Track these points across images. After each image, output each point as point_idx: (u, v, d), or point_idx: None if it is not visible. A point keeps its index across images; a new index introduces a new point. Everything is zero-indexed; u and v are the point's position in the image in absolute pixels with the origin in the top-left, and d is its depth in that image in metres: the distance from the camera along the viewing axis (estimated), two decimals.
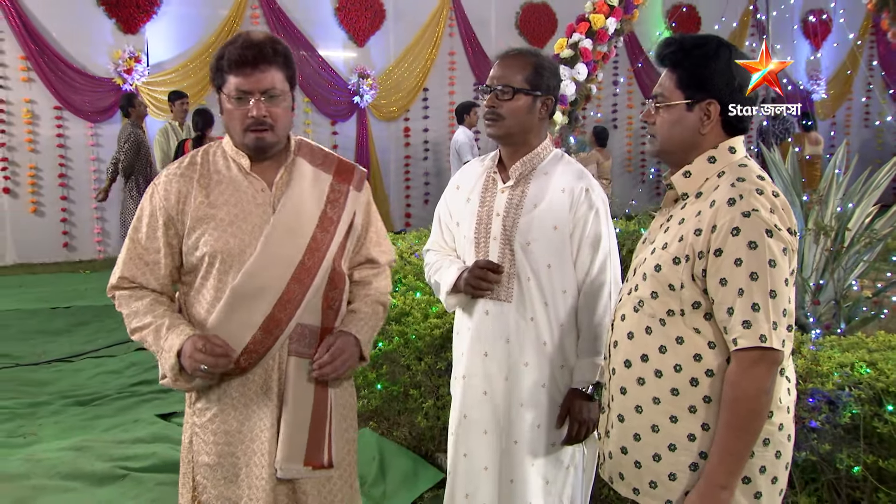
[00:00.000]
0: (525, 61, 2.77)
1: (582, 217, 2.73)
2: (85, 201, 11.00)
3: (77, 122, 10.85)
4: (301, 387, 2.42)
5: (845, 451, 3.05)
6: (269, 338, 2.36)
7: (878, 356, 3.35)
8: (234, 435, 2.42)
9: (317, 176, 2.50)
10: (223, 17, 11.56)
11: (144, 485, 4.33)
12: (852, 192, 5.06)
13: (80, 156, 10.93)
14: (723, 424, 2.05)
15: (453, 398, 2.94)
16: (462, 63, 13.62)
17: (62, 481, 4.35)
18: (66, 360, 6.80)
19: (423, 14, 13.09)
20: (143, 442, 4.88)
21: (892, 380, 3.11)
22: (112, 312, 8.04)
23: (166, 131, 9.51)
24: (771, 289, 2.01)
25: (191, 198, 2.41)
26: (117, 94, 10.77)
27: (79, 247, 11.04)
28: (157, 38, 11.23)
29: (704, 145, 2.22)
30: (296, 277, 2.37)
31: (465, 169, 3.02)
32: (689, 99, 2.19)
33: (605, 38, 5.70)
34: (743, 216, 2.03)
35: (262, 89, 2.32)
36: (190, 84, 11.01)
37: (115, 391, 5.99)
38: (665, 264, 2.15)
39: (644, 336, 2.20)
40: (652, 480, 2.19)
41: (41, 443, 4.96)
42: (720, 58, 2.19)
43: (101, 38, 10.81)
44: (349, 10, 12.46)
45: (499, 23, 13.97)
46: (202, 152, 2.51)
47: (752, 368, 2.02)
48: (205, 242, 2.37)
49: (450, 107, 13.18)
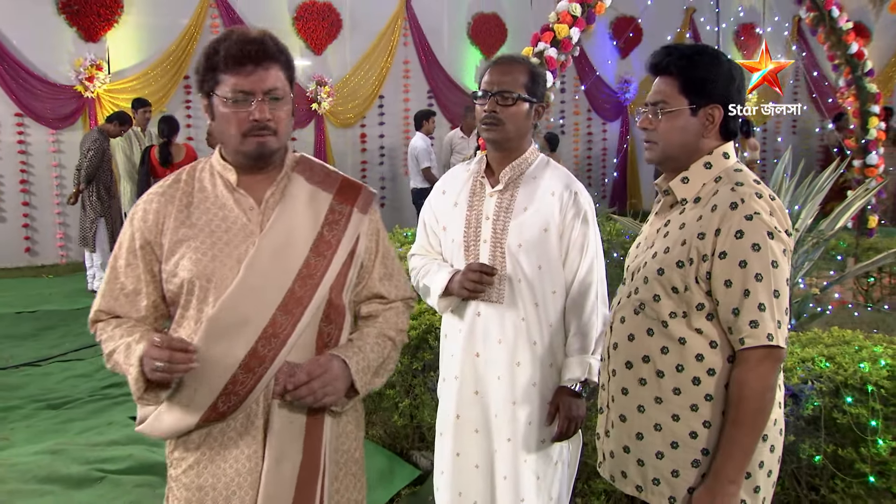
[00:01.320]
0: (523, 68, 2.75)
1: (571, 220, 2.73)
2: (47, 207, 10.78)
3: (39, 128, 10.62)
4: (287, 436, 2.02)
5: (807, 441, 3.12)
6: (252, 377, 1.97)
7: (836, 350, 3.41)
8: (209, 492, 2.02)
9: (314, 195, 2.13)
10: (183, 26, 11.40)
11: (123, 487, 4.22)
12: (798, 194, 5.16)
13: (41, 162, 10.69)
14: (731, 422, 2.05)
15: (442, 399, 2.89)
16: (416, 71, 13.60)
17: (39, 485, 4.23)
18: (35, 364, 6.63)
19: (378, 24, 13.04)
20: (119, 444, 4.77)
21: (849, 373, 3.17)
22: (78, 316, 8.02)
23: (129, 137, 9.37)
24: (774, 289, 2.03)
25: (170, 218, 2.06)
26: (78, 101, 10.66)
27: (41, 252, 10.79)
28: (118, 47, 11.03)
29: (702, 150, 2.22)
30: (283, 308, 2.00)
31: (449, 174, 2.99)
32: (693, 104, 2.19)
33: (569, 46, 5.73)
34: (746, 219, 2.04)
35: (265, 89, 1.99)
36: (151, 91, 10.82)
37: (86, 394, 5.86)
38: (668, 268, 2.14)
39: (645, 338, 2.20)
40: (655, 478, 2.19)
41: (15, 447, 4.83)
42: (721, 63, 2.20)
43: (62, 46, 10.59)
44: (307, 20, 12.37)
45: (451, 32, 13.98)
46: (189, 169, 2.17)
47: (758, 366, 2.03)
48: (182, 267, 2.01)
49: (405, 113, 13.19)
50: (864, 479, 3.11)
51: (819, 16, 6.57)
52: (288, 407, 2.03)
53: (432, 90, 13.71)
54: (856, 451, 3.09)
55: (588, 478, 3.57)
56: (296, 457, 2.02)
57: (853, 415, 3.08)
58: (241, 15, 11.72)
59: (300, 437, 2.03)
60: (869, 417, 3.06)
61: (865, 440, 3.07)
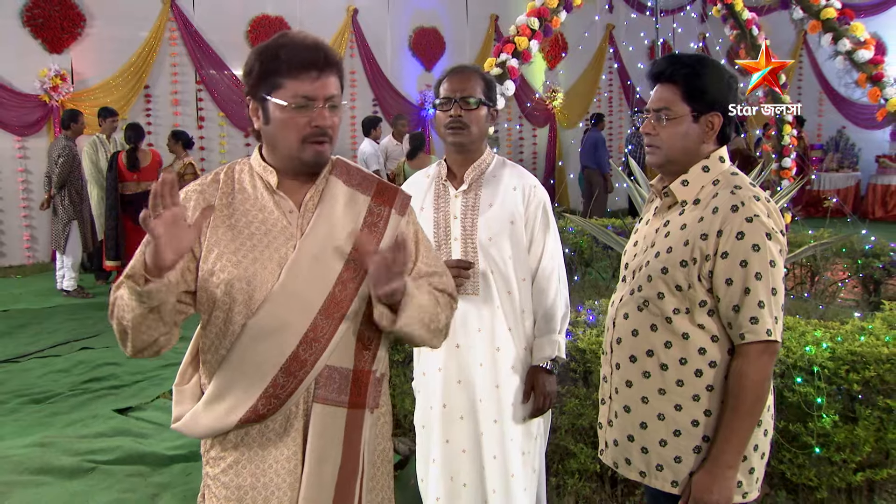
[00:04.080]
0: (479, 76, 2.77)
1: (533, 211, 2.77)
2: (14, 210, 10.50)
3: (5, 136, 10.33)
4: (327, 439, 1.91)
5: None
6: (292, 381, 1.85)
7: (785, 335, 3.52)
8: (248, 491, 1.90)
9: (353, 197, 2.00)
10: (143, 39, 11.19)
11: (114, 476, 4.20)
12: None
13: (8, 167, 10.40)
14: (730, 410, 2.07)
15: (424, 392, 2.88)
16: (362, 81, 13.57)
17: (33, 476, 4.19)
18: (13, 360, 6.48)
19: (326, 36, 12.90)
20: (106, 436, 4.74)
21: (797, 356, 3.32)
22: (50, 315, 7.89)
23: (95, 144, 9.21)
24: (772, 287, 2.04)
25: (210, 217, 1.91)
26: (44, 109, 10.41)
27: (8, 253, 10.51)
28: (81, 58, 10.78)
29: (701, 155, 2.22)
30: (324, 312, 1.87)
31: (410, 182, 2.96)
32: (695, 112, 2.18)
33: (529, 57, 5.82)
34: (746, 221, 2.04)
35: (326, 95, 1.87)
36: (113, 100, 10.59)
37: (66, 389, 5.75)
38: (672, 267, 2.14)
39: (649, 333, 2.20)
40: (658, 464, 2.19)
41: (4, 440, 4.75)
42: (721, 73, 2.20)
43: (27, 57, 10.29)
44: (259, 33, 12.20)
45: (394, 45, 13.99)
46: (227, 169, 2.02)
47: (757, 360, 2.04)
48: (221, 268, 1.87)
49: (351, 121, 13.12)
50: (810, 451, 3.27)
51: (741, 33, 6.82)
52: (329, 409, 1.92)
53: (377, 98, 13.72)
54: (803, 425, 3.25)
55: (562, 458, 3.64)
56: (336, 458, 1.92)
57: (801, 393, 3.23)
58: (197, 28, 11.58)
59: (340, 439, 1.93)
60: (815, 395, 3.22)
61: (812, 416, 3.23)
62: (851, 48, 6.52)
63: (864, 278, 6.36)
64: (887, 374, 3.27)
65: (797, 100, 11.65)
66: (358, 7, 13.28)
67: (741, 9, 6.89)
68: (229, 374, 1.87)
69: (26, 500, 3.94)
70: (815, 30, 6.74)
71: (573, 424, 3.58)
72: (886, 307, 4.18)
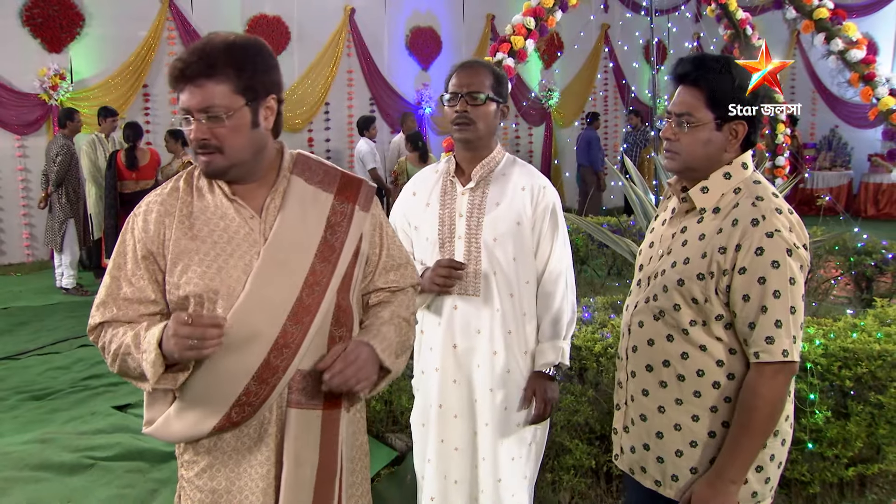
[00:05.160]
0: (488, 71, 2.67)
1: (542, 212, 2.67)
2: (13, 208, 10.45)
3: (5, 134, 10.28)
4: (304, 442, 1.88)
5: None
6: (265, 387, 1.82)
7: None
8: (223, 494, 1.88)
9: (315, 196, 1.93)
10: (142, 38, 11.14)
11: (113, 472, 4.19)
12: None
13: (8, 166, 10.36)
14: (739, 426, 1.99)
15: (422, 391, 2.84)
16: (359, 80, 13.52)
17: (33, 472, 4.18)
18: (14, 357, 6.46)
19: (324, 36, 12.95)
20: (105, 433, 4.72)
21: None
22: (50, 312, 7.86)
23: (93, 142, 9.18)
24: (791, 305, 1.94)
25: (171, 229, 1.87)
26: (43, 108, 10.34)
27: (8, 251, 10.47)
28: (80, 57, 10.73)
29: (723, 162, 2.10)
30: (293, 317, 1.83)
31: (418, 176, 2.88)
32: (719, 119, 2.06)
33: (524, 57, 5.82)
34: (766, 237, 1.94)
35: (199, 107, 1.77)
36: (112, 99, 10.55)
37: (66, 386, 5.74)
38: (689, 279, 2.04)
39: (665, 343, 2.11)
40: (674, 474, 2.12)
41: (4, 437, 4.74)
42: (744, 76, 2.08)
43: (27, 56, 10.25)
44: (256, 31, 12.14)
45: (391, 44, 13.96)
46: (186, 175, 1.96)
47: (772, 380, 1.95)
48: (187, 280, 1.83)
49: (349, 119, 13.12)
50: (803, 447, 3.26)
51: (735, 33, 6.84)
52: (304, 413, 1.89)
53: (374, 97, 13.68)
54: (797, 422, 3.23)
55: (557, 454, 3.63)
56: (314, 460, 1.89)
57: (795, 389, 3.23)
58: (195, 28, 11.53)
59: (317, 442, 1.90)
60: (808, 391, 3.21)
61: (805, 412, 3.22)
62: (844, 48, 6.53)
63: (857, 276, 6.37)
64: (879, 370, 3.28)
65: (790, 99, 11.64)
66: (355, 7, 13.24)
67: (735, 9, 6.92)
68: (201, 382, 1.84)
69: (26, 495, 3.93)
70: (808, 30, 6.75)
71: (569, 421, 3.57)
72: (878, 304, 4.19)
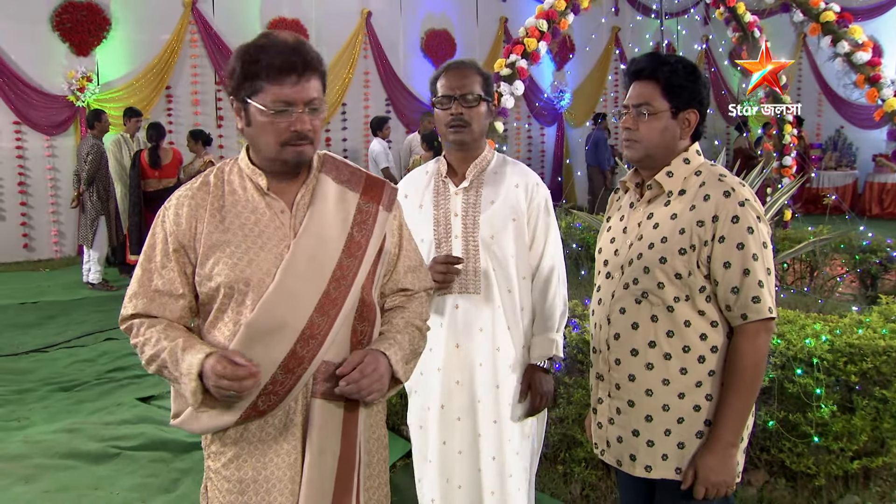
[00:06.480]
0: (476, 71, 2.62)
1: (536, 208, 2.66)
2: (43, 206, 10.62)
3: (35, 135, 10.46)
4: (327, 433, 1.89)
5: (763, 409, 3.27)
6: (291, 377, 1.84)
7: (786, 328, 3.53)
8: (250, 484, 1.89)
9: (342, 195, 1.96)
10: (165, 42, 11.25)
11: (138, 462, 4.23)
12: None
13: (37, 165, 10.52)
14: (731, 391, 2.05)
15: (421, 392, 2.75)
16: (375, 81, 13.58)
17: (61, 460, 4.24)
18: (42, 350, 6.54)
19: (341, 38, 12.99)
20: (130, 423, 4.77)
21: (797, 348, 3.31)
22: (77, 306, 7.94)
23: (119, 142, 9.35)
24: (767, 267, 2.04)
25: (203, 223, 1.89)
26: (71, 109, 10.51)
27: (37, 247, 10.63)
28: (106, 60, 10.87)
29: (678, 150, 2.21)
30: (319, 310, 1.85)
31: (408, 179, 2.83)
32: (675, 108, 2.17)
33: (538, 58, 5.82)
34: (739, 205, 2.04)
35: (306, 100, 1.81)
36: (137, 101, 10.67)
37: (92, 378, 5.80)
38: (671, 255, 2.09)
39: (650, 324, 2.14)
40: (664, 454, 2.14)
41: (35, 426, 4.80)
42: (698, 73, 2.19)
43: (56, 60, 10.42)
44: None
45: (406, 46, 13.99)
46: (216, 171, 1.98)
47: (756, 338, 2.04)
48: (219, 272, 1.85)
49: (365, 120, 13.14)
50: (809, 440, 3.27)
51: (743, 35, 6.82)
52: (327, 403, 1.90)
53: (390, 98, 13.73)
54: (803, 415, 3.25)
55: (569, 447, 3.63)
56: (335, 450, 1.90)
57: (801, 384, 3.22)
58: (217, 31, 11.61)
59: (339, 432, 1.91)
60: (814, 386, 3.22)
61: (811, 406, 3.22)
62: (850, 50, 6.50)
63: (862, 273, 6.35)
64: (883, 365, 3.27)
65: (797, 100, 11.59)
66: (371, 10, 13.29)
67: (743, 12, 6.90)
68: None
69: (56, 482, 3.98)
70: (814, 32, 6.72)
71: (580, 414, 3.58)
72: (883, 301, 4.17)
